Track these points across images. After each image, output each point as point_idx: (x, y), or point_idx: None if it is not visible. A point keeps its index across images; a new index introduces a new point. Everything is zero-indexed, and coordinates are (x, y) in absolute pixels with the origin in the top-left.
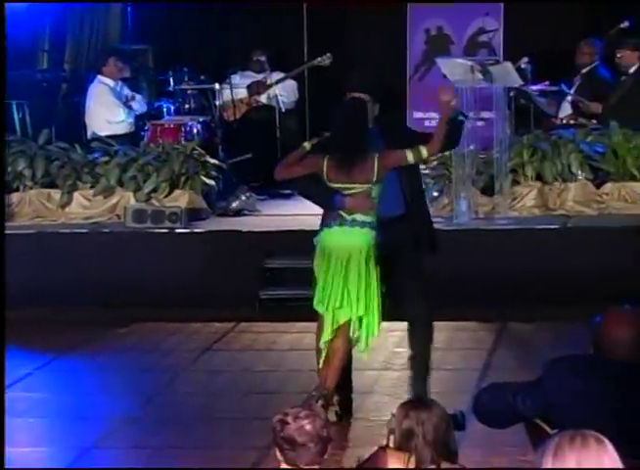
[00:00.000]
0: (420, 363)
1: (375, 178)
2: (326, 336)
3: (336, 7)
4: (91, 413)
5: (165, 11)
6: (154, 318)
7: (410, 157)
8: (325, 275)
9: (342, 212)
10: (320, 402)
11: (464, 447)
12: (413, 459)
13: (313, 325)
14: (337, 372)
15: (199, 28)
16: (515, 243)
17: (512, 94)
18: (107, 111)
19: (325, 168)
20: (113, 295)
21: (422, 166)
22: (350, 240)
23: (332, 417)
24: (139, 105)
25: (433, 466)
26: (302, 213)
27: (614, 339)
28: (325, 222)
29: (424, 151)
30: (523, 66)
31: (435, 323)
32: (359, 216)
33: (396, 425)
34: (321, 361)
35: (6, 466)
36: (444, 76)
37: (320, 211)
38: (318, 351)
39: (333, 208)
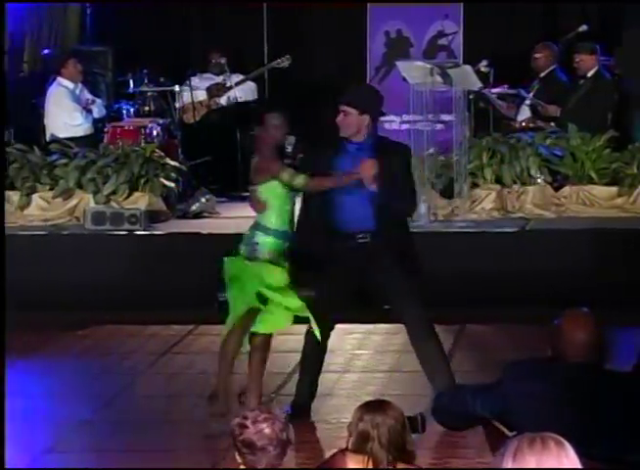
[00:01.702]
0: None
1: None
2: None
3: (296, 7)
4: (47, 416)
5: (125, 12)
6: (112, 321)
7: (284, 177)
8: None
9: None
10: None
11: (422, 449)
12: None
13: None
14: None
15: (158, 30)
16: (474, 245)
17: (471, 97)
18: (65, 114)
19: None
20: (71, 297)
21: None
22: None
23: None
24: (98, 109)
25: (389, 467)
26: None
27: (571, 341)
28: None
29: (301, 181)
30: (482, 68)
31: (392, 326)
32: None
33: (352, 428)
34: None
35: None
36: (404, 79)
37: None
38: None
39: None
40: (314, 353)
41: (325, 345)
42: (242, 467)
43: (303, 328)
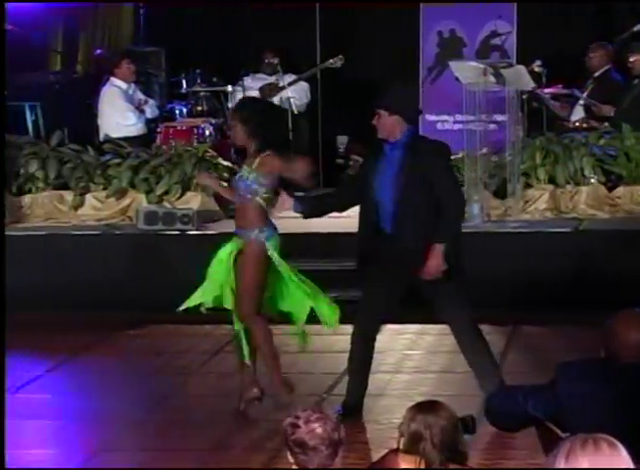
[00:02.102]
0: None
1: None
2: None
3: (348, 7)
4: (101, 415)
5: (178, 12)
6: (165, 321)
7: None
8: None
9: None
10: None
11: (474, 450)
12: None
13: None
14: None
15: (211, 30)
16: (527, 246)
17: (524, 97)
18: (119, 114)
19: None
20: (124, 296)
21: None
22: None
23: None
24: (151, 109)
25: (441, 468)
26: None
27: (624, 341)
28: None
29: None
30: (536, 68)
31: (444, 326)
32: None
33: (404, 428)
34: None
35: (13, 467)
36: (457, 79)
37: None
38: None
39: None
40: (362, 354)
41: (372, 345)
42: (294, 467)
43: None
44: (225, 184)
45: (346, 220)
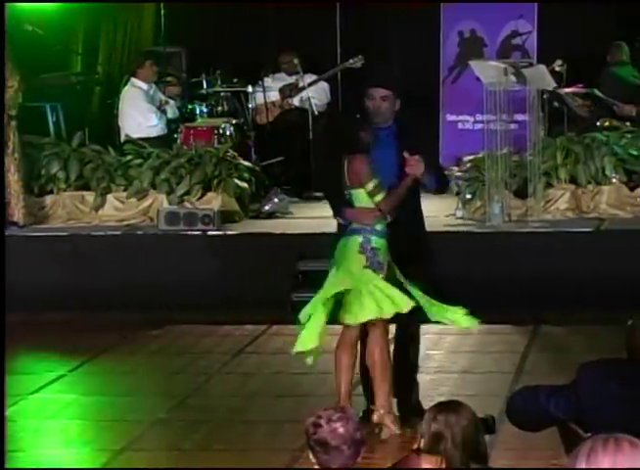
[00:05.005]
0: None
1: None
2: None
3: (369, 7)
4: (123, 415)
5: (198, 13)
6: (186, 321)
7: (369, 186)
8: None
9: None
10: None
11: (496, 450)
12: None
13: None
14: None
15: (231, 31)
16: (548, 246)
17: (545, 96)
18: (140, 114)
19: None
20: (145, 297)
21: (455, 169)
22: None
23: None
24: (172, 110)
25: (462, 468)
26: None
27: None
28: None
29: (378, 198)
30: (557, 68)
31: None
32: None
33: (425, 428)
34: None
35: (38, 467)
36: (478, 79)
37: None
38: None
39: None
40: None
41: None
42: (316, 467)
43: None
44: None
45: None
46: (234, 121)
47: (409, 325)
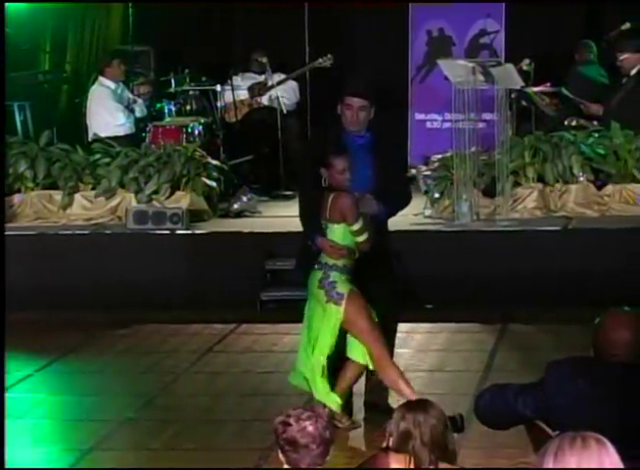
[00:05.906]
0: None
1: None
2: None
3: (337, 7)
4: (91, 415)
5: (167, 12)
6: (154, 320)
7: (355, 227)
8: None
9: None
10: None
11: (464, 449)
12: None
13: None
14: None
15: (200, 29)
16: (516, 245)
17: (513, 96)
18: (108, 113)
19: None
20: (113, 296)
21: (423, 168)
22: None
23: None
24: (140, 109)
25: (431, 467)
26: None
27: (613, 341)
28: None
29: (361, 239)
30: (524, 67)
31: (434, 325)
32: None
33: (394, 427)
34: None
35: (6, 466)
36: (446, 78)
37: None
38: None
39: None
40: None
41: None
42: (285, 466)
43: None
44: None
45: None
46: (203, 120)
47: (385, 323)
